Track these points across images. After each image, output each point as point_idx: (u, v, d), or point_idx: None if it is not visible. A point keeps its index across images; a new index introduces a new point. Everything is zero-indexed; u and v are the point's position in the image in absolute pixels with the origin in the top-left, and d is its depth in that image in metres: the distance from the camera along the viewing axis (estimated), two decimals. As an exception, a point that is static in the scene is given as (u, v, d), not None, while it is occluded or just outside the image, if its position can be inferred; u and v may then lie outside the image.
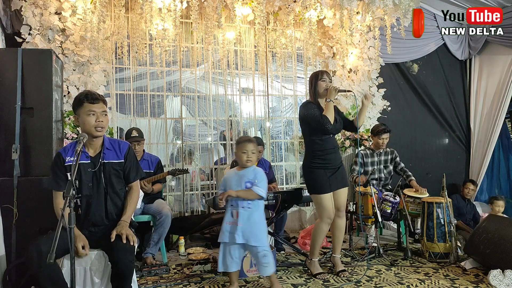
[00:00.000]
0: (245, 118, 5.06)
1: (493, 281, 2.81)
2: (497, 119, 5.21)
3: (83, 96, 2.22)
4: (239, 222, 2.64)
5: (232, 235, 2.65)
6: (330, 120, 2.94)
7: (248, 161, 2.72)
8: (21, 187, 2.72)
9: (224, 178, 2.87)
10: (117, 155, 2.33)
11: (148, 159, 3.78)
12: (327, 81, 3.05)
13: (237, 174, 2.78)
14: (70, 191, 1.74)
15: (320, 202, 3.00)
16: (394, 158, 4.32)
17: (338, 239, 3.14)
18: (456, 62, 5.63)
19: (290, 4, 4.39)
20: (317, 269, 3.09)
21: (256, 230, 2.65)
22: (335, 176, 3.03)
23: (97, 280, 2.18)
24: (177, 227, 4.17)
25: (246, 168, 2.75)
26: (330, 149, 3.03)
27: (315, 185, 3.02)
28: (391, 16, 4.45)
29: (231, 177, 2.80)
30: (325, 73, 3.10)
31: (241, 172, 2.76)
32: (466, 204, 4.51)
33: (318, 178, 3.00)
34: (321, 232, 3.04)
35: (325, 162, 3.01)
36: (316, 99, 3.09)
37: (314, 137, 3.04)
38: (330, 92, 2.97)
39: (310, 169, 3.05)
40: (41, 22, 3.70)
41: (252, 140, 2.78)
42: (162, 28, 3.95)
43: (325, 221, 3.01)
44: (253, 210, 2.68)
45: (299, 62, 5.18)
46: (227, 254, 2.69)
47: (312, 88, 3.11)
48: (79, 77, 3.84)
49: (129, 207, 2.32)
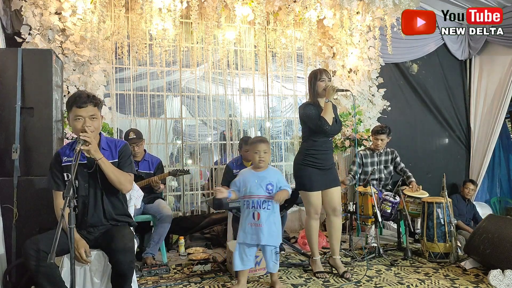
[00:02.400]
0: (245, 118, 5.06)
1: (493, 281, 2.81)
2: (497, 119, 5.21)
3: (72, 99, 2.17)
4: (261, 223, 2.68)
5: (256, 237, 2.69)
6: (328, 121, 2.95)
7: (260, 161, 2.75)
8: (21, 187, 2.72)
9: (241, 177, 2.83)
10: (112, 155, 2.30)
11: (149, 160, 3.77)
12: (326, 80, 3.05)
13: (255, 175, 2.78)
14: (70, 191, 1.73)
15: (308, 198, 3.05)
16: (394, 158, 4.32)
17: (336, 239, 3.14)
18: (456, 62, 5.63)
19: (290, 4, 4.38)
20: (318, 268, 3.09)
21: (276, 230, 2.74)
22: (326, 176, 3.06)
23: (97, 281, 2.18)
24: (177, 227, 4.17)
25: (265, 170, 2.80)
26: (323, 150, 3.06)
27: (304, 182, 3.06)
28: (391, 16, 4.45)
29: (249, 177, 2.79)
30: (324, 72, 3.09)
31: (261, 173, 2.78)
32: (466, 204, 4.51)
33: (308, 175, 3.03)
34: (311, 228, 3.09)
35: (317, 161, 3.03)
36: (316, 99, 3.10)
37: (312, 138, 3.06)
38: (328, 92, 2.97)
39: (301, 165, 3.08)
40: (41, 22, 3.70)
41: (264, 140, 2.82)
42: (162, 28, 3.95)
43: (313, 217, 3.07)
44: (272, 211, 2.74)
45: (299, 62, 5.19)
46: (243, 253, 2.73)
47: (311, 88, 3.11)
48: (79, 77, 3.84)
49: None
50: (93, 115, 2.18)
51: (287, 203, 3.53)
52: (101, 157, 2.13)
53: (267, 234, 2.67)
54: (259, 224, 2.68)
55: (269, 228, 2.70)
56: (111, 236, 2.14)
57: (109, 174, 2.15)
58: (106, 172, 2.15)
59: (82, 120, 2.15)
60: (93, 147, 2.08)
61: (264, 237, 2.66)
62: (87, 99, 2.15)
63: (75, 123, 2.16)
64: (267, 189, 2.73)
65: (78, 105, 2.14)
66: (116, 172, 2.19)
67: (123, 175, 2.24)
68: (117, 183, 2.19)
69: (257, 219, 2.70)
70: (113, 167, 2.20)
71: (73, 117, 2.17)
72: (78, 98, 2.16)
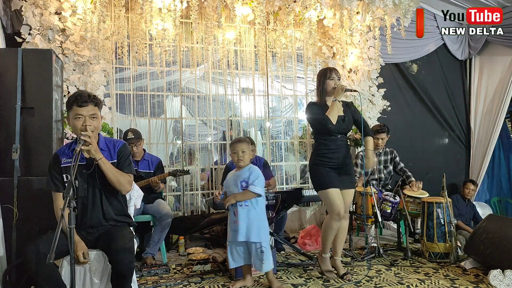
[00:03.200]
0: (245, 118, 5.06)
1: (493, 281, 2.81)
2: (497, 119, 5.21)
3: (73, 98, 2.17)
4: (239, 220, 2.72)
5: (235, 233, 2.73)
6: (332, 120, 2.93)
7: (239, 160, 2.81)
8: (21, 187, 2.72)
9: (226, 178, 2.96)
10: (111, 155, 2.28)
11: (148, 159, 3.77)
12: (335, 79, 3.02)
13: (235, 175, 2.88)
14: (70, 191, 1.73)
15: (326, 196, 2.96)
16: (393, 158, 4.32)
17: (340, 241, 3.10)
18: (456, 62, 5.63)
19: (290, 4, 4.38)
20: (326, 266, 3.07)
21: (255, 226, 2.72)
22: (341, 176, 3.01)
23: (97, 281, 2.18)
24: (177, 227, 4.16)
25: (243, 168, 2.83)
26: (334, 148, 3.01)
27: (319, 181, 3.01)
28: (391, 16, 4.45)
29: (230, 178, 2.91)
30: (334, 70, 3.06)
31: (238, 172, 2.85)
32: (466, 204, 4.50)
33: (321, 174, 3.00)
34: (329, 228, 3.00)
35: (329, 160, 2.99)
36: (324, 97, 3.06)
37: (320, 137, 3.05)
38: (337, 91, 2.95)
39: (314, 166, 3.06)
40: (41, 22, 3.70)
41: (241, 139, 2.86)
42: (162, 28, 3.95)
43: (333, 217, 2.95)
44: (251, 207, 2.75)
45: (299, 62, 5.19)
46: (234, 251, 2.82)
47: (320, 86, 3.08)
48: (79, 77, 3.84)
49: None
50: (93, 115, 2.18)
51: (287, 203, 3.53)
52: (101, 157, 2.13)
53: (245, 230, 2.70)
54: (237, 221, 2.73)
55: (249, 225, 2.71)
56: (110, 236, 2.14)
57: (109, 175, 2.15)
58: (106, 172, 2.14)
59: (82, 119, 2.15)
60: (93, 147, 2.07)
61: (241, 234, 2.70)
62: (88, 99, 2.15)
63: (75, 122, 2.16)
64: (242, 186, 2.76)
65: (79, 104, 2.14)
66: (115, 172, 2.19)
67: (123, 176, 2.23)
68: (117, 184, 2.19)
69: (235, 217, 2.75)
70: (113, 167, 2.20)
71: (73, 116, 2.17)
72: (79, 97, 2.15)
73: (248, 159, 2.84)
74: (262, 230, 2.76)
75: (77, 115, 2.15)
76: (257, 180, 2.75)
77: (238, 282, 2.88)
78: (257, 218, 2.75)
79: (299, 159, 5.11)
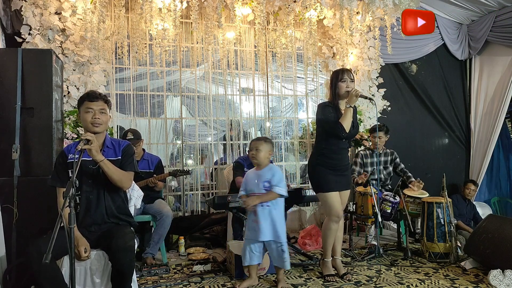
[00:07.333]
0: (245, 118, 5.06)
1: (493, 281, 2.81)
2: (497, 119, 5.21)
3: (85, 95, 2.34)
4: (260, 220, 2.73)
5: (255, 233, 2.75)
6: (345, 128, 2.88)
7: (252, 157, 2.85)
8: (21, 187, 2.72)
9: (245, 177, 2.96)
10: (116, 153, 2.37)
11: (148, 159, 3.77)
12: (347, 81, 2.95)
13: (255, 174, 2.87)
14: (70, 190, 1.74)
15: (326, 200, 2.96)
16: (394, 159, 4.31)
17: (338, 239, 3.10)
18: (456, 62, 5.64)
19: (290, 4, 4.39)
20: (328, 270, 3.03)
21: (276, 227, 2.74)
22: (340, 178, 3.00)
23: (97, 280, 2.19)
24: (177, 227, 4.17)
25: (264, 168, 2.84)
26: (337, 151, 2.99)
27: (319, 182, 3.00)
28: (391, 16, 4.45)
29: (250, 177, 2.90)
30: (346, 72, 2.98)
31: (259, 172, 2.85)
32: (466, 204, 4.50)
33: (322, 175, 2.97)
34: (329, 231, 2.99)
35: (331, 162, 2.98)
36: (336, 100, 3.00)
37: (327, 140, 3.00)
38: (351, 97, 2.88)
39: (315, 166, 3.02)
40: (41, 22, 3.71)
41: (259, 138, 2.94)
42: (162, 28, 3.95)
43: (333, 220, 2.95)
44: (272, 208, 2.76)
45: (299, 62, 5.19)
46: (251, 249, 2.81)
47: (332, 88, 3.01)
48: (79, 77, 3.84)
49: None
50: (102, 109, 2.32)
51: (286, 203, 3.52)
52: (103, 159, 2.18)
53: (266, 230, 2.71)
54: (258, 221, 2.73)
55: (269, 225, 2.73)
56: (111, 235, 2.15)
57: (111, 175, 2.22)
58: (108, 173, 2.21)
59: (92, 112, 2.28)
60: (94, 147, 2.12)
61: (264, 234, 2.71)
62: (98, 95, 2.34)
63: (86, 115, 2.28)
64: (264, 186, 2.77)
65: (90, 99, 2.30)
66: (117, 172, 2.26)
67: (124, 174, 2.30)
68: (118, 182, 2.27)
69: (256, 216, 2.75)
70: (115, 167, 2.25)
71: (84, 110, 2.30)
72: (90, 93, 2.34)
73: (263, 157, 2.82)
74: (282, 230, 2.78)
75: (88, 108, 2.28)
76: (280, 181, 2.78)
77: (245, 282, 2.85)
78: (277, 218, 2.77)
79: (299, 159, 5.11)
